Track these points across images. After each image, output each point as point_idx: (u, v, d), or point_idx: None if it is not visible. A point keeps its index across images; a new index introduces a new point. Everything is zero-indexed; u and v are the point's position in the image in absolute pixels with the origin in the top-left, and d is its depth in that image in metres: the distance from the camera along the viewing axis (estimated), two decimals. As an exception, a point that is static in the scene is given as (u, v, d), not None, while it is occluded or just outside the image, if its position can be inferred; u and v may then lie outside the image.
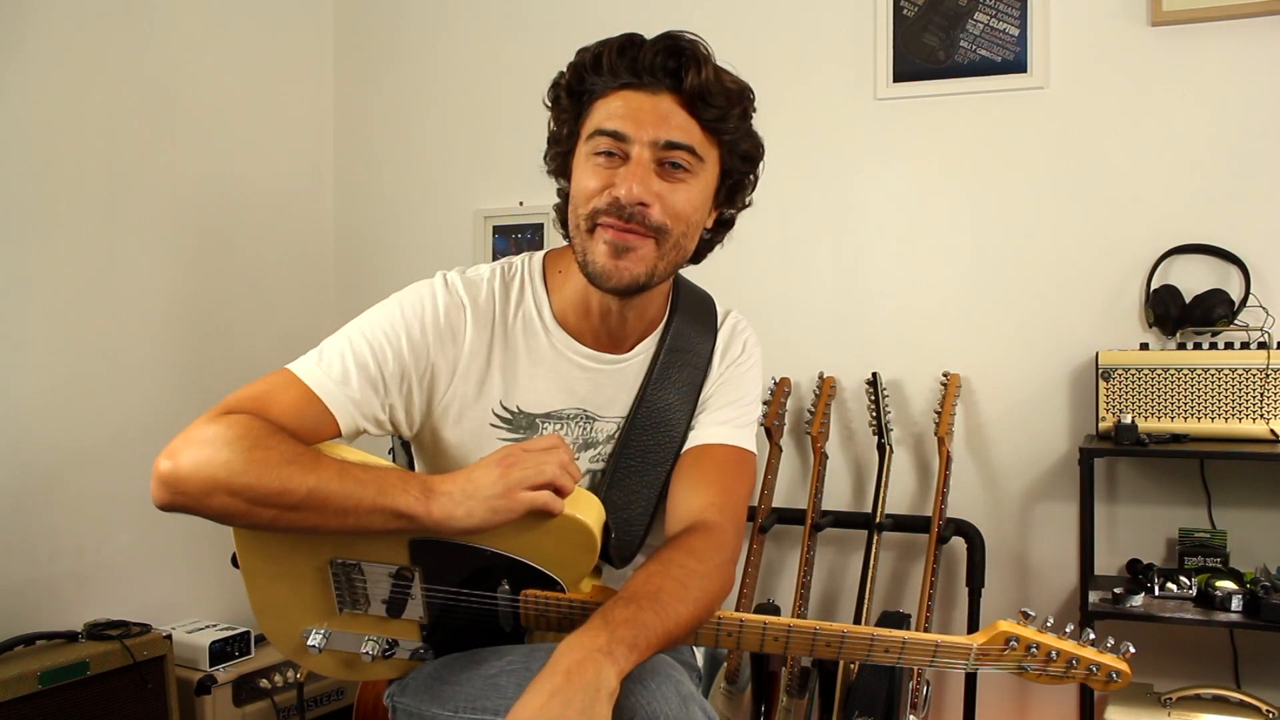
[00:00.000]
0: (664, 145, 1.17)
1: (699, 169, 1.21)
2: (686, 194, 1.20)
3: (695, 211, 1.22)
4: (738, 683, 2.41)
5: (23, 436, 2.31)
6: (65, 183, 2.42)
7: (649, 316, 1.33)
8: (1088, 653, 1.20)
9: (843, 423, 2.65)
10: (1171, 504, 2.38)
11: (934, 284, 2.58)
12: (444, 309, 1.24)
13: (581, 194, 1.20)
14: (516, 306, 1.29)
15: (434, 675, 1.24)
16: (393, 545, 1.17)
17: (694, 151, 1.19)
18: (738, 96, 1.22)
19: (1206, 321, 2.28)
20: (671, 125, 1.17)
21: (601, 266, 1.19)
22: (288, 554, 1.20)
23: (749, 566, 2.48)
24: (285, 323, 2.94)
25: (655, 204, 1.17)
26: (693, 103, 1.18)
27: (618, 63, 1.18)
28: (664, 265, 1.21)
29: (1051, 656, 1.20)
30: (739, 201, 1.32)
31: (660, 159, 1.18)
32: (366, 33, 3.18)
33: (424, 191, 3.09)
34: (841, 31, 2.66)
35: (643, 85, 1.18)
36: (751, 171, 1.29)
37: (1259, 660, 2.30)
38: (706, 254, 1.35)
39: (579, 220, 1.21)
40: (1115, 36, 2.43)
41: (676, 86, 1.18)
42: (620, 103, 1.18)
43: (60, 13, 2.41)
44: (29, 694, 2.03)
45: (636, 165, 1.17)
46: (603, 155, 1.19)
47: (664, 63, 1.17)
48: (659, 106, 1.18)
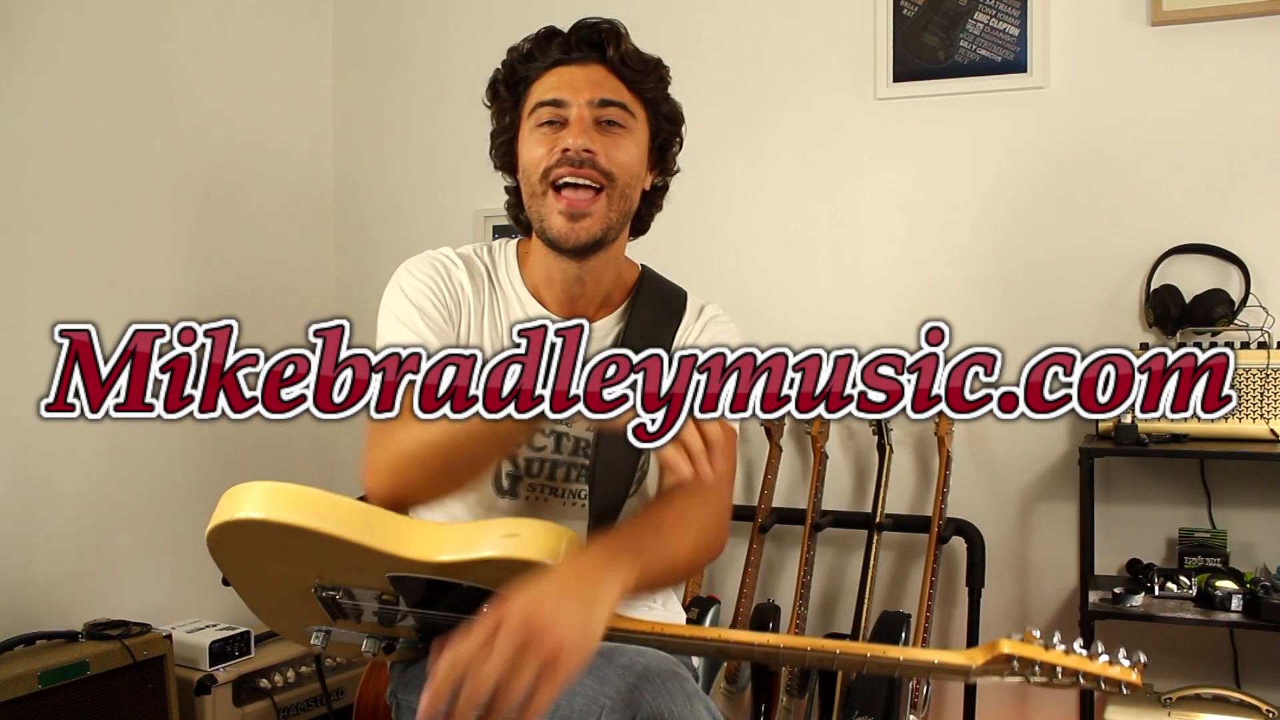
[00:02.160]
0: (599, 103, 1.28)
1: (632, 124, 1.31)
2: (625, 146, 1.30)
3: (635, 163, 1.32)
4: (738, 683, 2.41)
5: (23, 436, 2.31)
6: (65, 178, 2.42)
7: (606, 284, 1.38)
8: (1095, 668, 1.18)
9: (843, 422, 2.65)
10: (1171, 504, 2.38)
11: (934, 284, 2.58)
12: (440, 265, 1.35)
13: (531, 162, 1.30)
14: (497, 278, 1.39)
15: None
16: (373, 573, 1.16)
17: (625, 107, 1.30)
18: (655, 64, 1.34)
19: (1206, 321, 2.28)
20: (605, 87, 1.29)
21: (559, 229, 1.28)
22: (273, 580, 1.20)
23: (749, 566, 2.48)
24: (286, 323, 2.94)
25: (600, 153, 1.27)
26: (618, 69, 1.30)
27: (546, 47, 1.32)
28: (616, 217, 1.31)
29: (1056, 674, 1.17)
30: (669, 163, 1.41)
31: (597, 117, 1.28)
32: (367, 32, 3.18)
33: (424, 191, 3.09)
34: (841, 31, 2.66)
35: (572, 60, 1.31)
36: (676, 133, 1.39)
37: (1259, 660, 2.30)
38: (649, 222, 1.44)
39: (533, 187, 1.30)
40: (1115, 36, 2.43)
41: (602, 57, 1.30)
42: (555, 77, 1.30)
43: (60, 8, 2.40)
44: (29, 694, 2.02)
45: (578, 121, 1.27)
46: (545, 125, 1.29)
47: (589, 37, 1.30)
48: (590, 74, 1.30)
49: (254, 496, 1.10)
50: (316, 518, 1.08)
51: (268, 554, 1.16)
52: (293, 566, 1.16)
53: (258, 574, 1.22)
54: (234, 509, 1.11)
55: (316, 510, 1.09)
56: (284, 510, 1.09)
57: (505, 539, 1.07)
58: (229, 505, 1.12)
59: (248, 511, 1.10)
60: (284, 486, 1.11)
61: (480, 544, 1.07)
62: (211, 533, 1.12)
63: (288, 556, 1.14)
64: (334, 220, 3.21)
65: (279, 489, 1.11)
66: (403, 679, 1.31)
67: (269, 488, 1.10)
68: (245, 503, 1.10)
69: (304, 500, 1.10)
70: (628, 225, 1.37)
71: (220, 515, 1.11)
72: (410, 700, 1.26)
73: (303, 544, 1.10)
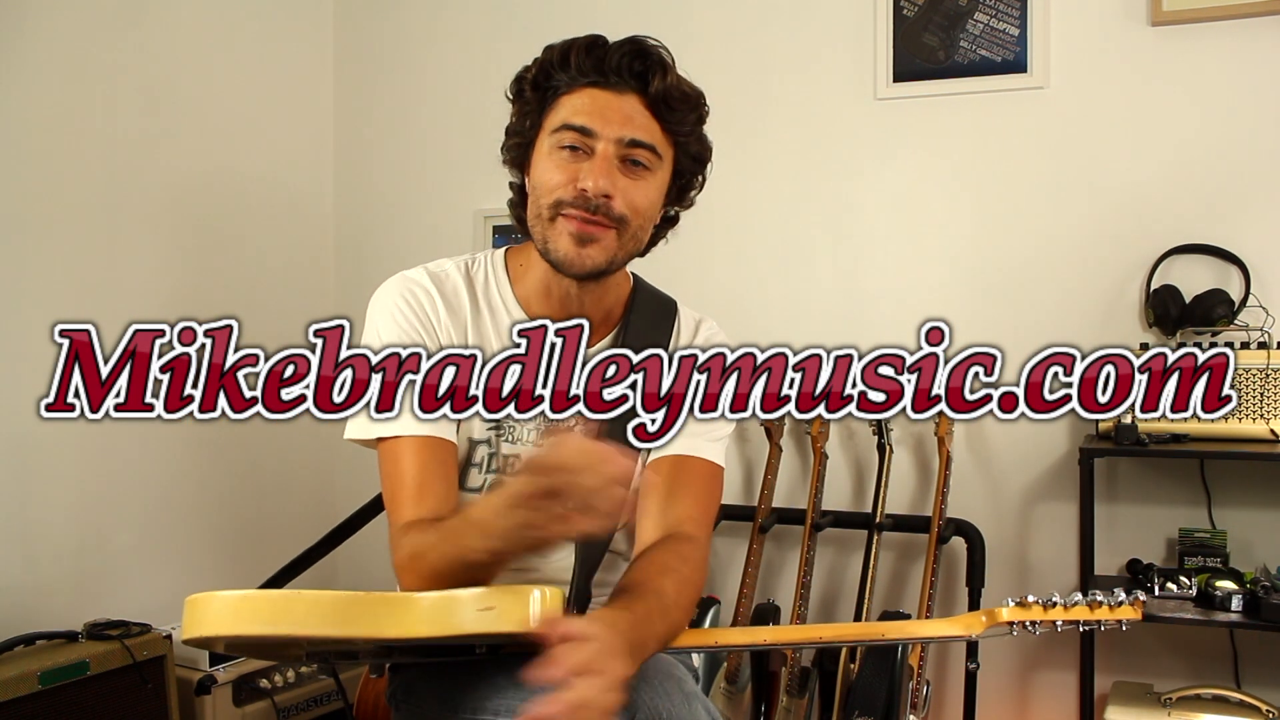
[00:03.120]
0: (628, 143, 1.22)
1: (657, 167, 1.26)
2: (645, 190, 1.25)
3: (652, 207, 1.27)
4: (738, 682, 2.41)
5: (23, 435, 2.31)
6: (65, 179, 2.42)
7: (605, 305, 1.35)
8: (1095, 614, 1.17)
9: (843, 423, 2.65)
10: (1171, 504, 2.38)
11: (934, 283, 2.58)
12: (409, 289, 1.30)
13: (545, 185, 1.24)
14: (483, 294, 1.33)
15: (434, 676, 1.24)
16: (359, 644, 1.14)
17: (655, 150, 1.24)
18: (695, 102, 1.27)
19: (1206, 321, 2.28)
20: (636, 125, 1.22)
21: (565, 254, 1.23)
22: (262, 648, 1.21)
23: (749, 566, 2.48)
24: (285, 324, 2.93)
25: (618, 197, 1.22)
26: (656, 105, 1.23)
27: (585, 61, 1.23)
28: (622, 255, 1.27)
29: (1057, 627, 1.18)
30: (686, 200, 1.36)
31: (623, 156, 1.22)
32: (366, 33, 3.18)
33: (424, 191, 3.09)
34: (841, 31, 2.66)
35: (609, 85, 1.23)
36: (700, 172, 1.34)
37: (1259, 660, 2.30)
38: (652, 246, 1.39)
39: (541, 209, 1.25)
40: (1115, 36, 2.43)
41: (642, 89, 1.23)
42: (588, 100, 1.23)
43: (59, 11, 2.40)
44: (29, 694, 2.02)
45: (602, 160, 1.21)
46: (567, 149, 1.23)
47: (630, 65, 1.22)
48: (624, 106, 1.22)
49: (216, 611, 1.05)
50: (288, 623, 1.04)
51: (250, 643, 1.15)
52: (278, 644, 1.15)
53: (244, 649, 1.20)
54: (200, 625, 1.06)
55: (286, 613, 1.04)
56: (250, 623, 1.05)
57: (481, 614, 1.02)
58: (194, 619, 1.06)
59: (213, 630, 1.06)
60: (248, 596, 1.06)
61: (457, 619, 1.03)
62: (185, 640, 1.08)
63: (270, 641, 1.12)
64: (334, 220, 3.21)
65: (243, 600, 1.06)
66: (404, 682, 1.31)
67: (232, 601, 1.05)
68: (208, 619, 1.05)
69: (270, 607, 1.06)
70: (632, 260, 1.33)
71: (189, 629, 1.06)
72: (410, 705, 1.27)
73: (280, 638, 1.08)
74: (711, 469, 1.33)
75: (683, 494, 1.29)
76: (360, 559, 2.58)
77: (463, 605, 1.04)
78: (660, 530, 1.25)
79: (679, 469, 1.31)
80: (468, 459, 1.31)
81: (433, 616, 1.04)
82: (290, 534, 2.81)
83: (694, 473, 1.31)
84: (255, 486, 2.91)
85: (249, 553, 2.81)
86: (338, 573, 3.00)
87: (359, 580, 2.96)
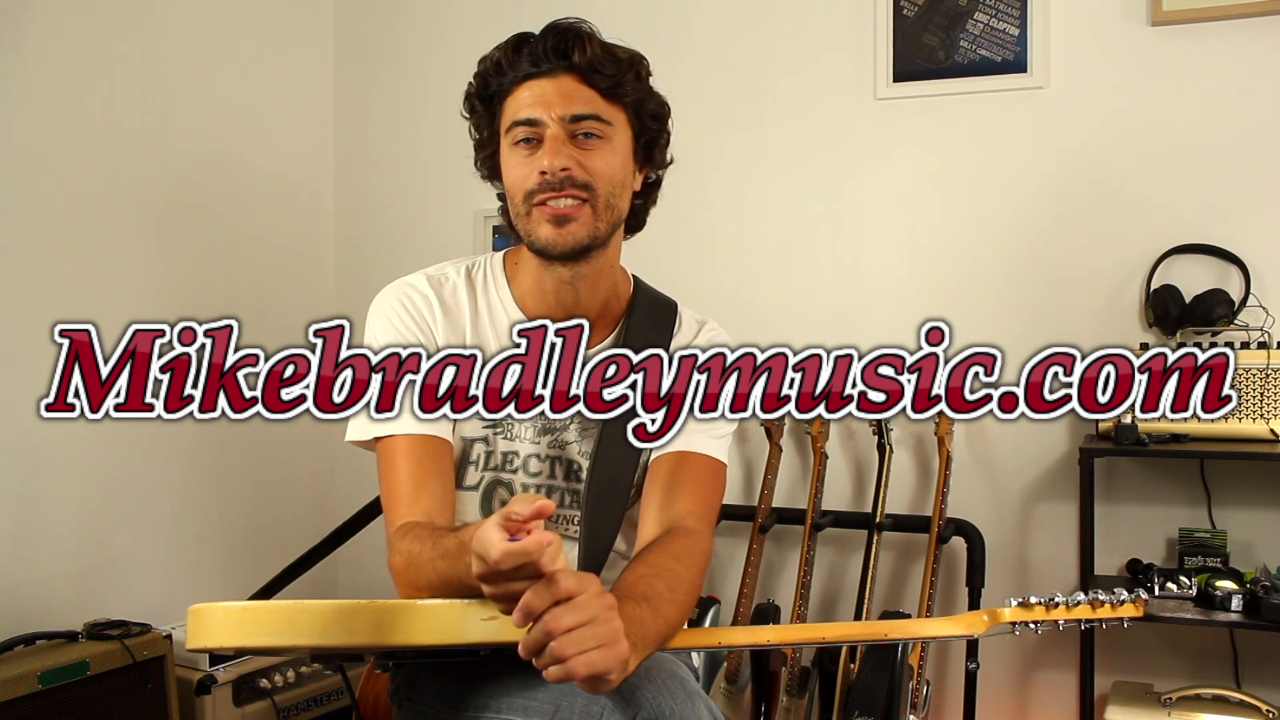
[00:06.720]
0: (571, 119, 1.25)
1: (610, 133, 1.28)
2: (604, 156, 1.27)
3: (616, 171, 1.29)
4: (738, 682, 2.41)
5: (23, 435, 2.31)
6: (65, 179, 2.41)
7: (601, 296, 1.36)
8: (1097, 614, 1.18)
9: (843, 422, 2.65)
10: (1171, 504, 2.38)
11: (934, 284, 2.58)
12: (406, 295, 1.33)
13: (513, 183, 1.29)
14: (482, 295, 1.36)
15: (437, 673, 1.24)
16: (363, 650, 1.15)
17: (599, 118, 1.27)
18: (628, 62, 1.30)
19: (1206, 321, 2.28)
20: (575, 100, 1.26)
21: (547, 238, 1.26)
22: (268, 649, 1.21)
23: (749, 566, 2.48)
24: (285, 324, 2.94)
25: (574, 167, 1.25)
26: (588, 75, 1.27)
27: (515, 59, 1.29)
28: (604, 226, 1.29)
29: (1059, 625, 1.18)
30: (658, 158, 1.38)
31: (572, 132, 1.26)
32: (366, 32, 3.18)
33: (424, 192, 3.09)
34: (841, 31, 2.66)
35: (542, 73, 1.27)
36: (663, 128, 1.36)
37: (1259, 660, 2.30)
38: (644, 218, 1.42)
39: (518, 208, 1.29)
40: (1115, 36, 2.43)
41: (570, 66, 1.27)
42: (526, 93, 1.28)
43: (60, 11, 2.40)
44: (29, 694, 2.02)
45: (552, 141, 1.25)
46: (522, 144, 1.27)
47: (555, 46, 1.27)
48: (560, 86, 1.26)
49: (219, 623, 1.06)
50: (291, 634, 1.04)
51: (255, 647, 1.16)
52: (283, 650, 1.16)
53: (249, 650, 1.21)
54: (204, 636, 1.07)
55: (290, 625, 1.05)
56: (253, 634, 1.06)
57: (486, 624, 1.03)
58: (198, 629, 1.07)
59: (217, 641, 1.07)
60: (251, 608, 1.07)
61: (461, 629, 1.04)
62: (189, 649, 1.09)
63: (274, 649, 1.13)
64: (334, 220, 3.21)
65: (246, 612, 1.06)
66: (406, 679, 1.31)
67: (235, 612, 1.06)
68: (212, 630, 1.06)
69: (273, 618, 1.06)
70: (619, 231, 1.35)
71: (193, 639, 1.07)
72: (412, 702, 1.26)
73: (285, 648, 1.10)
74: (713, 464, 1.34)
75: (684, 489, 1.29)
76: (361, 560, 2.58)
77: (467, 615, 1.04)
78: (661, 525, 1.26)
79: (680, 464, 1.31)
80: (464, 457, 1.31)
81: (437, 626, 1.04)
82: (291, 535, 2.82)
83: (695, 468, 1.32)
84: (256, 487, 2.91)
85: (249, 553, 2.81)
86: (338, 573, 3.00)
87: (359, 580, 2.97)
